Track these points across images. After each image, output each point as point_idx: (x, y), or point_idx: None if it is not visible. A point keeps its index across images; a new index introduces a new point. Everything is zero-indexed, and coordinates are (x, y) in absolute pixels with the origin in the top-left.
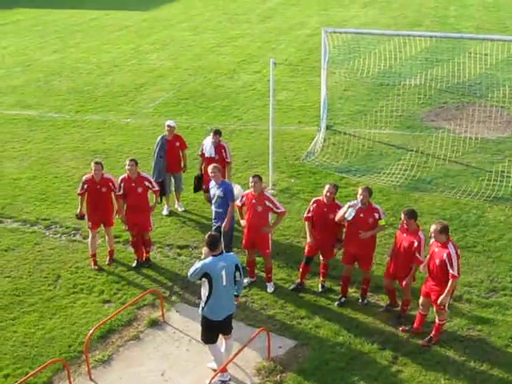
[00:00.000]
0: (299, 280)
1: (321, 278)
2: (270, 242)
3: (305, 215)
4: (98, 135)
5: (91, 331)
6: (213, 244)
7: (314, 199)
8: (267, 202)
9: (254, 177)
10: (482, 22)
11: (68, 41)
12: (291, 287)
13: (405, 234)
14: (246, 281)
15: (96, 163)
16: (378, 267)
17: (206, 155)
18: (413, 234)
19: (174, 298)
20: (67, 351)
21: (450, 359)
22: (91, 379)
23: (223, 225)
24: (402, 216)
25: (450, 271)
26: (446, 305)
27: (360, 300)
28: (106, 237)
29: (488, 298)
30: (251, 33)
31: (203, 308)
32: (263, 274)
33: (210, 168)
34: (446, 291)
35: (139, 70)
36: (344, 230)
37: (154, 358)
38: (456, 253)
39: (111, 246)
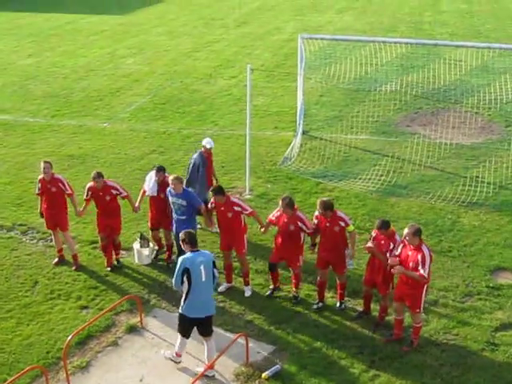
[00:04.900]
0: (273, 286)
1: (293, 289)
2: (245, 242)
3: (270, 217)
4: (74, 140)
5: (69, 337)
6: (192, 240)
7: (278, 208)
8: (235, 207)
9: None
10: (456, 29)
11: (43, 44)
12: (267, 293)
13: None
14: (223, 286)
15: (45, 162)
16: (354, 272)
17: (148, 193)
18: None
19: (151, 303)
20: (45, 358)
21: (426, 363)
22: None
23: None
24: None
25: (421, 271)
26: (421, 308)
27: (337, 305)
28: (66, 243)
29: (463, 303)
30: (227, 38)
31: (182, 306)
32: (241, 280)
33: (170, 180)
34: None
35: (115, 74)
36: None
37: (133, 363)
38: (430, 255)
39: (73, 250)
